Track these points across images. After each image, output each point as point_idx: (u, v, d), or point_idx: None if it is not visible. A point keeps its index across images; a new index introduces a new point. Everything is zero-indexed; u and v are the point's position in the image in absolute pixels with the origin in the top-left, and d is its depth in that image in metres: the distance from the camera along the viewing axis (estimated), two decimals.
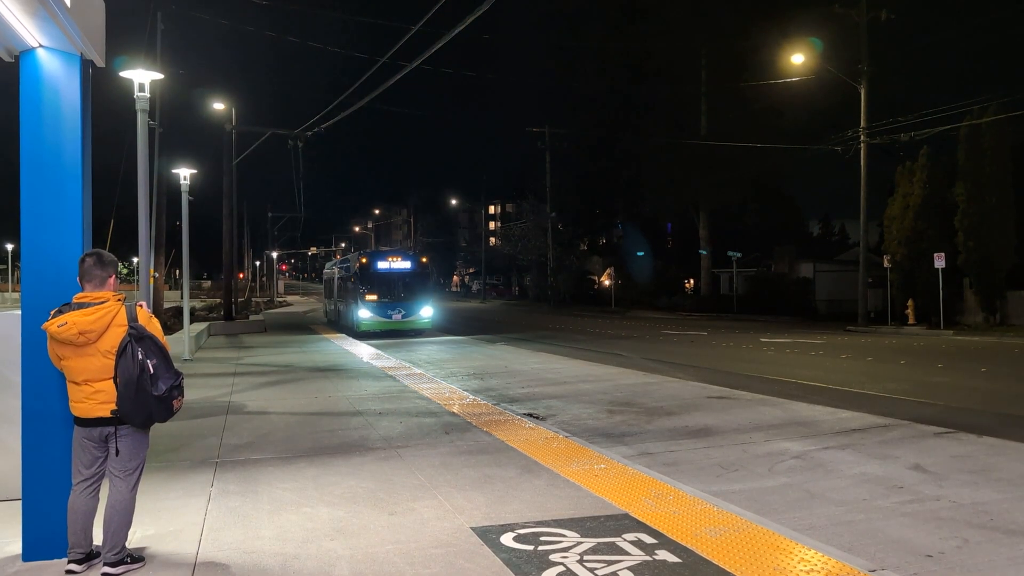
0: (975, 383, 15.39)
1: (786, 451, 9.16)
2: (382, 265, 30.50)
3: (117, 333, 4.99)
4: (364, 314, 29.41)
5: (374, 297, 29.58)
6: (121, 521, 5.12)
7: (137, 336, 5.01)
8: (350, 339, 27.54)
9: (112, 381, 5.00)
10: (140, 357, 4.96)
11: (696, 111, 50.48)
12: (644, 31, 50.92)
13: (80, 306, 4.98)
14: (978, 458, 8.56)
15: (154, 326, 5.17)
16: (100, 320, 4.96)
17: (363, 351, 22.34)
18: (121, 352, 4.97)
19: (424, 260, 31.72)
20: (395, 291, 30.04)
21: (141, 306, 5.26)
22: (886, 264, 32.35)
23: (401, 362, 18.99)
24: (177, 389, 5.11)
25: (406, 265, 30.83)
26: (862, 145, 33.53)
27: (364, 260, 30.74)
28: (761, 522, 6.00)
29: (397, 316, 29.50)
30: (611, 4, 55.89)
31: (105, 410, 5.01)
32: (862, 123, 33.55)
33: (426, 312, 30.20)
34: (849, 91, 34.27)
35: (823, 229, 75.44)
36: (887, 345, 24.35)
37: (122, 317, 5.03)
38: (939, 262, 28.86)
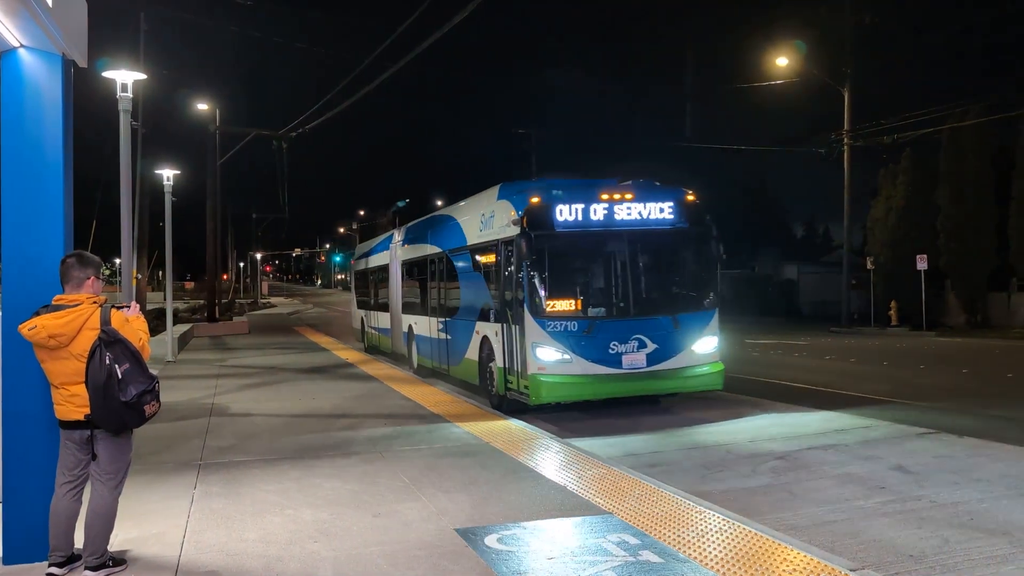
0: (957, 384, 15.51)
1: (769, 452, 9.21)
2: (585, 214, 11.48)
3: (90, 336, 4.92)
4: (546, 355, 11.07)
5: (567, 306, 11.37)
6: (103, 525, 5.08)
7: (108, 340, 4.92)
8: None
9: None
10: (108, 362, 4.87)
11: (681, 113, 50.69)
12: (630, 34, 51.11)
13: (55, 308, 4.95)
14: (959, 458, 8.62)
15: (130, 329, 5.08)
16: (71, 324, 4.89)
17: None
18: (90, 356, 4.89)
19: (690, 199, 12.02)
20: (623, 289, 11.66)
21: (122, 308, 5.22)
22: (869, 266, 32.53)
23: None
24: (150, 394, 5.01)
25: (650, 213, 11.71)
26: (845, 148, 33.72)
27: (536, 200, 11.41)
28: (744, 522, 6.02)
29: (634, 357, 11.20)
30: (598, 7, 56.08)
31: (81, 414, 4.97)
32: (846, 126, 33.73)
33: (706, 345, 11.78)
34: (833, 94, 34.46)
35: (807, 231, 75.75)
36: (870, 346, 24.49)
37: (95, 320, 4.95)
38: (921, 264, 29.06)
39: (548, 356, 10.97)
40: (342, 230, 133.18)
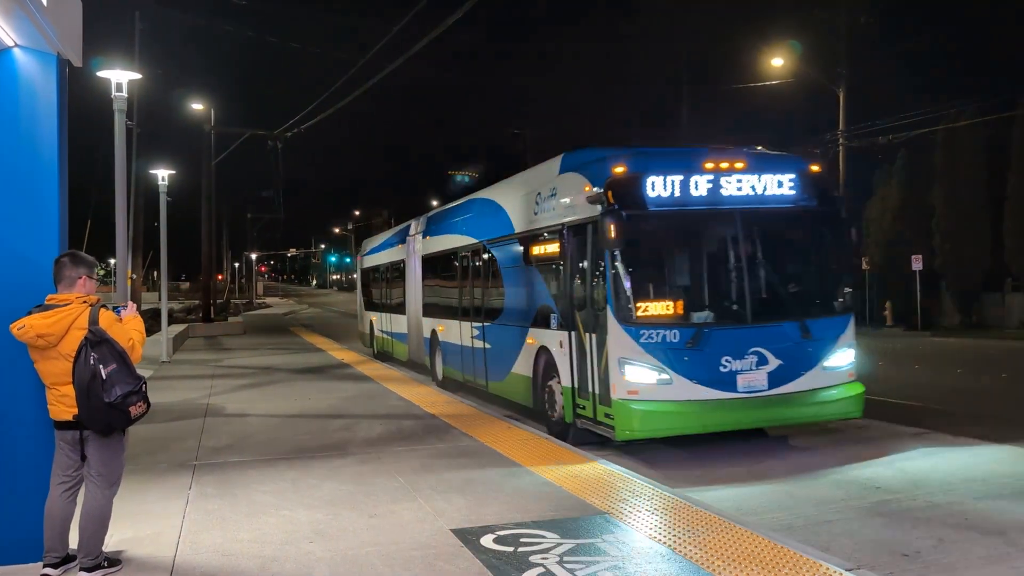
0: (951, 384, 15.54)
1: (765, 451, 9.21)
2: (685, 188, 8.88)
3: (78, 336, 4.89)
4: (638, 374, 8.50)
5: (664, 309, 8.87)
6: (96, 526, 5.06)
7: (94, 340, 4.89)
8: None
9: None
10: (92, 363, 4.84)
11: (677, 113, 50.76)
12: (625, 33, 51.21)
13: (46, 308, 4.93)
14: (953, 458, 8.64)
15: (119, 329, 5.05)
16: (58, 323, 4.87)
17: None
18: (76, 356, 4.87)
19: (815, 169, 9.57)
20: (737, 287, 9.02)
21: (118, 309, 5.21)
22: (864, 266, 32.55)
23: None
24: (136, 395, 4.96)
25: (766, 188, 9.14)
26: (840, 148, 33.76)
27: (621, 170, 8.85)
28: (740, 522, 6.03)
29: (752, 377, 8.67)
30: (594, 6, 56.22)
31: (70, 414, 4.94)
32: (840, 126, 33.79)
33: (840, 359, 9.20)
34: (828, 95, 34.52)
35: None
36: (865, 346, 24.35)
37: (83, 320, 4.92)
38: (916, 264, 29.11)
39: (641, 376, 8.46)
40: (337, 230, 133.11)
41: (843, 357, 9.18)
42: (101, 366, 4.86)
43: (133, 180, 24.63)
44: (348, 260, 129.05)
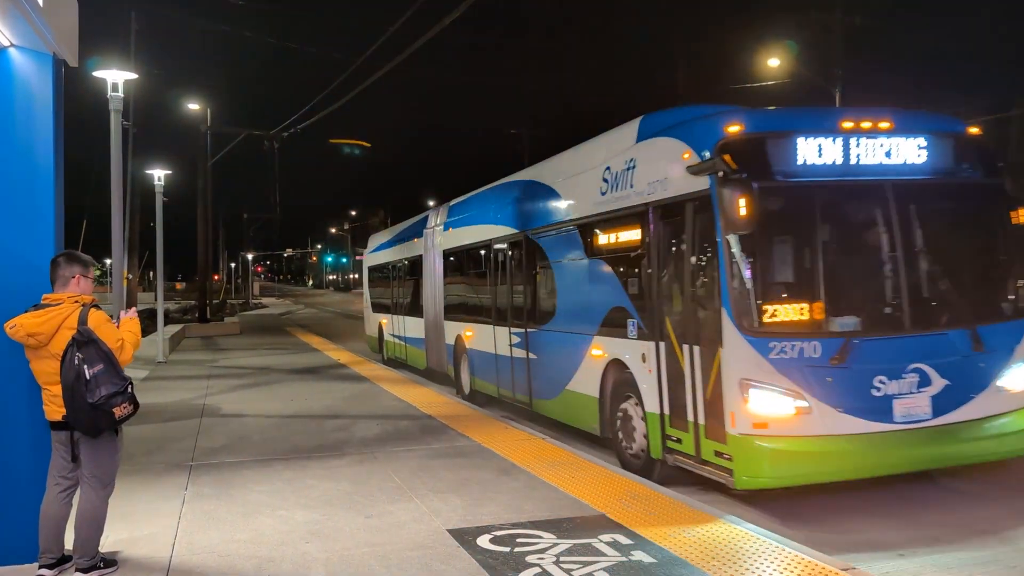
0: None
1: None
2: (820, 153, 6.76)
3: (67, 336, 4.89)
4: (768, 401, 6.34)
5: (797, 314, 6.63)
6: (91, 528, 5.06)
7: (81, 341, 4.88)
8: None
9: None
10: (76, 363, 4.83)
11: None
12: (621, 35, 51.25)
13: (41, 307, 4.93)
14: None
15: (108, 330, 5.04)
16: (48, 323, 4.87)
17: None
18: (63, 356, 4.87)
19: (974, 132, 7.47)
20: (890, 284, 6.94)
21: (120, 311, 5.22)
22: None
23: None
24: (121, 396, 4.93)
25: (919, 155, 7.05)
26: None
27: (737, 129, 6.74)
28: (737, 522, 6.03)
29: (912, 403, 6.52)
30: (589, 7, 56.24)
31: (60, 414, 4.95)
32: None
33: (1019, 377, 6.96)
34: (826, 96, 34.58)
35: None
36: None
37: (72, 320, 4.92)
38: None
39: (772, 404, 6.38)
40: (333, 230, 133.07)
41: (1021, 375, 7.06)
42: (86, 366, 4.84)
43: (129, 180, 24.58)
44: (344, 260, 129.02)
